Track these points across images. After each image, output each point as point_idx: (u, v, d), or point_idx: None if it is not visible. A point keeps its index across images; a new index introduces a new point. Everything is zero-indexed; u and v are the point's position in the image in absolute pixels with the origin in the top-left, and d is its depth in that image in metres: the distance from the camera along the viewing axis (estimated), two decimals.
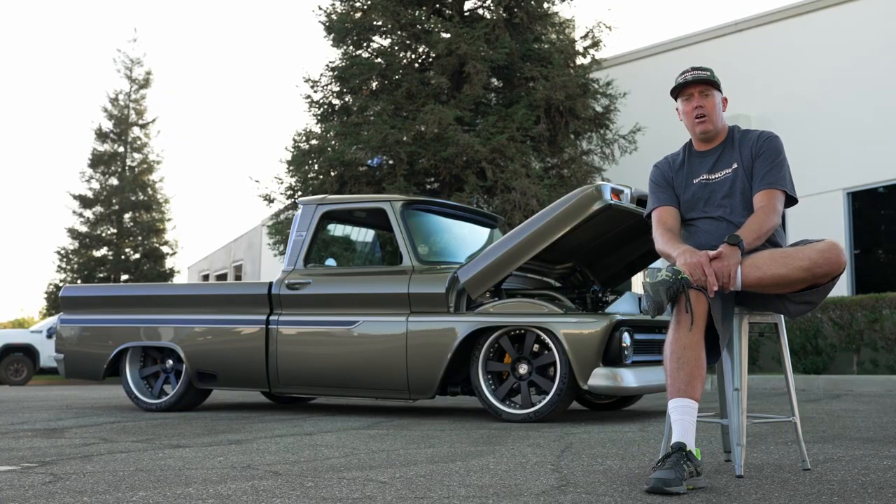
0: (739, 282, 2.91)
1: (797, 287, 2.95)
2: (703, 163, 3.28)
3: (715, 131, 3.26)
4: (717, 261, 2.90)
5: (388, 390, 5.80)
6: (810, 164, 12.16)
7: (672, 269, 2.93)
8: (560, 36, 14.66)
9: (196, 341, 6.43)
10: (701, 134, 3.25)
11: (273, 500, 2.66)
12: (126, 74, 27.18)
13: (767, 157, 3.16)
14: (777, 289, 2.95)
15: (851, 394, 8.18)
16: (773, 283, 2.92)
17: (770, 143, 3.19)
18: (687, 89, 3.25)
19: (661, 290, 2.89)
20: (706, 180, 3.24)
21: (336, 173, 13.07)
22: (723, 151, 3.26)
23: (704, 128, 3.23)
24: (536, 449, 3.91)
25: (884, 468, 3.19)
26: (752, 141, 3.22)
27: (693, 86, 3.24)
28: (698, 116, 3.22)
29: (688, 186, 3.27)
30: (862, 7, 12.95)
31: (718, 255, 2.90)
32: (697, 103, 3.23)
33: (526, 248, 5.39)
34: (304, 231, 6.25)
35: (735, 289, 2.92)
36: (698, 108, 3.22)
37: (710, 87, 3.24)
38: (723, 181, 3.21)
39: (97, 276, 25.37)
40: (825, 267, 2.90)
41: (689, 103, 3.25)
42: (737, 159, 3.21)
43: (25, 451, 4.06)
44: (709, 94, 3.23)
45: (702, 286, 2.90)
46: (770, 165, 3.15)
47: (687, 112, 3.26)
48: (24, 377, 16.71)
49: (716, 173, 3.23)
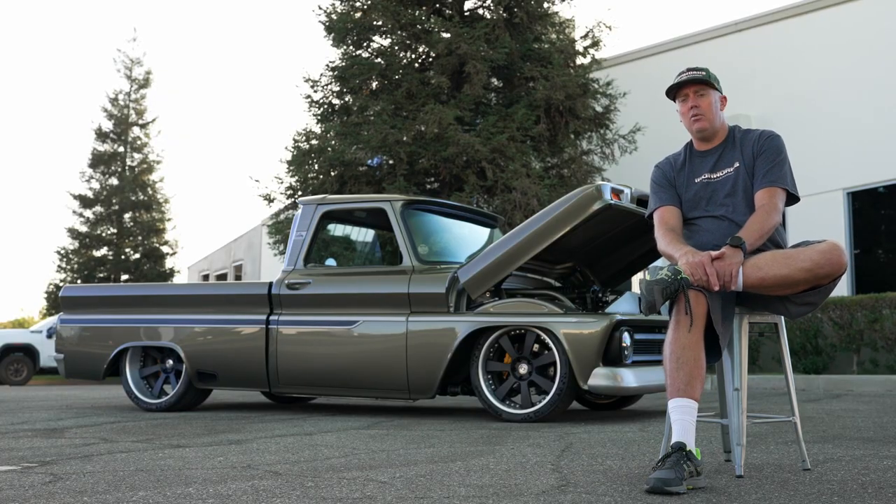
0: (741, 282, 2.91)
1: (799, 288, 2.95)
2: (705, 162, 3.28)
3: (713, 130, 3.26)
4: (719, 261, 2.90)
5: (388, 390, 5.80)
6: (810, 164, 12.15)
7: (672, 268, 2.94)
8: (560, 36, 14.66)
9: (196, 341, 6.43)
10: (698, 132, 3.26)
11: (273, 499, 2.66)
12: (126, 74, 27.21)
13: (768, 155, 3.17)
14: (779, 290, 2.95)
15: (851, 394, 8.18)
16: (774, 283, 2.91)
17: (771, 142, 3.20)
18: (682, 90, 3.26)
19: (656, 289, 2.89)
20: (708, 179, 3.24)
21: (336, 173, 13.07)
22: (724, 151, 3.26)
23: (701, 125, 3.24)
24: (536, 449, 3.91)
25: (884, 468, 3.19)
26: (754, 140, 3.23)
27: (688, 86, 3.25)
28: (694, 115, 3.23)
29: (690, 186, 3.27)
30: (862, 7, 12.95)
31: (720, 255, 2.91)
32: (693, 103, 3.24)
33: (526, 247, 5.39)
34: (304, 231, 6.26)
35: (736, 289, 2.92)
36: (694, 108, 3.23)
37: (706, 87, 3.24)
38: (725, 180, 3.21)
39: (97, 276, 25.38)
40: (827, 268, 2.90)
41: (685, 104, 3.26)
42: (738, 158, 3.22)
43: (25, 450, 4.06)
44: (704, 93, 3.24)
45: (703, 286, 2.90)
46: (771, 164, 3.15)
47: (683, 112, 3.28)
48: (24, 377, 16.72)
49: (717, 172, 3.24)
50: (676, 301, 2.94)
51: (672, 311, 2.97)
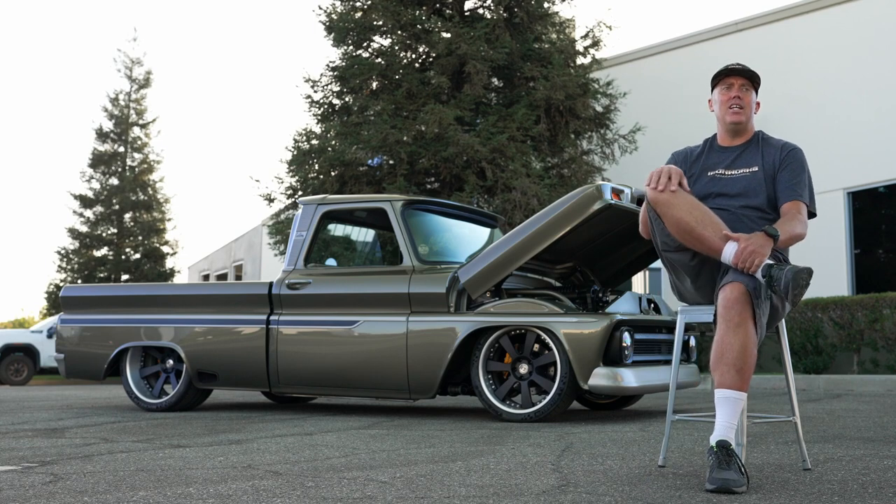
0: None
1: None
2: (723, 157, 3.27)
3: (745, 126, 3.26)
4: (749, 246, 2.88)
5: (389, 390, 5.80)
6: (810, 164, 12.06)
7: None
8: (560, 36, 14.65)
9: (196, 341, 6.43)
10: (732, 124, 3.24)
11: (273, 499, 2.66)
12: (126, 74, 27.20)
13: (794, 169, 3.18)
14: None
15: (852, 393, 8.18)
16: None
17: (795, 156, 3.21)
18: (729, 78, 3.25)
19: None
20: (720, 175, 3.23)
21: (336, 173, 13.07)
22: (745, 150, 3.26)
23: (737, 118, 3.22)
24: (537, 449, 3.91)
25: (884, 468, 3.19)
26: (777, 150, 3.23)
27: (737, 76, 3.24)
28: (735, 106, 3.22)
29: (699, 178, 3.26)
30: (862, 7, 12.95)
31: (751, 241, 2.90)
32: (737, 93, 3.23)
33: (526, 247, 5.39)
34: (304, 231, 6.25)
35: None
36: (737, 99, 3.22)
37: (751, 85, 3.25)
38: (738, 178, 3.20)
39: (97, 275, 25.38)
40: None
41: (728, 92, 3.24)
42: (758, 162, 3.21)
43: (26, 450, 4.06)
44: (748, 89, 3.25)
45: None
46: (797, 178, 3.16)
47: (723, 101, 3.25)
48: (24, 377, 16.72)
49: (734, 170, 3.23)
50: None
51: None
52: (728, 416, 2.83)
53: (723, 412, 2.84)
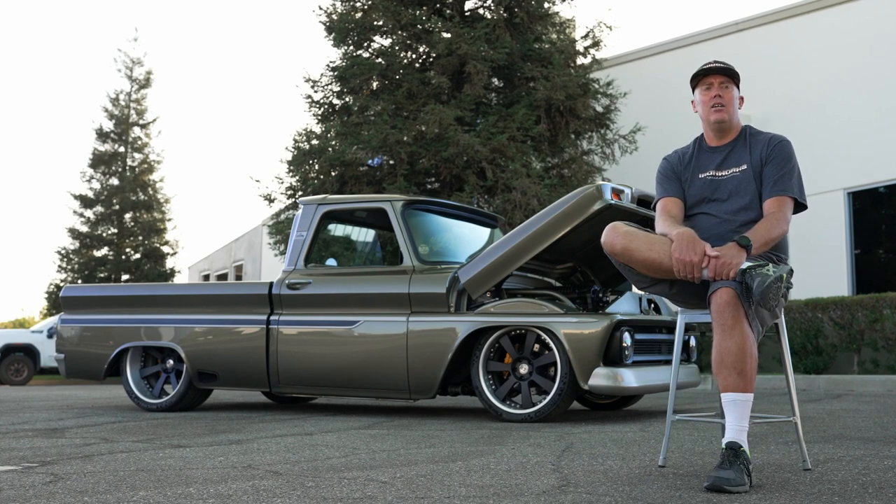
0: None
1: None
2: (713, 158, 3.26)
3: (729, 124, 3.23)
4: (717, 259, 2.88)
5: (389, 390, 5.80)
6: (810, 164, 12.09)
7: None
8: (560, 36, 14.65)
9: (197, 341, 6.43)
10: (715, 123, 3.22)
11: (274, 499, 2.66)
12: (126, 74, 27.21)
13: (778, 162, 3.14)
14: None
15: (852, 394, 8.18)
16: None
17: (781, 148, 3.17)
18: (708, 78, 3.24)
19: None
20: (713, 176, 3.23)
21: (336, 173, 13.07)
22: (733, 149, 3.24)
23: (720, 116, 3.20)
24: (537, 449, 3.91)
25: (884, 468, 3.19)
26: (763, 144, 3.20)
27: (714, 75, 3.23)
28: (716, 105, 3.20)
29: (693, 181, 3.26)
30: (862, 7, 12.94)
31: (720, 254, 2.89)
32: (717, 92, 3.21)
33: (526, 247, 5.39)
34: (304, 231, 6.26)
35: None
36: (717, 97, 3.20)
37: (731, 81, 3.23)
38: (730, 179, 3.19)
39: (98, 275, 25.39)
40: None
41: (708, 92, 3.23)
42: (746, 160, 3.19)
43: (26, 450, 4.07)
44: (728, 86, 3.23)
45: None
46: (781, 172, 3.13)
47: (705, 101, 3.24)
48: (24, 377, 16.72)
49: (724, 170, 3.22)
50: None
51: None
52: (737, 418, 2.84)
53: (731, 416, 2.85)
